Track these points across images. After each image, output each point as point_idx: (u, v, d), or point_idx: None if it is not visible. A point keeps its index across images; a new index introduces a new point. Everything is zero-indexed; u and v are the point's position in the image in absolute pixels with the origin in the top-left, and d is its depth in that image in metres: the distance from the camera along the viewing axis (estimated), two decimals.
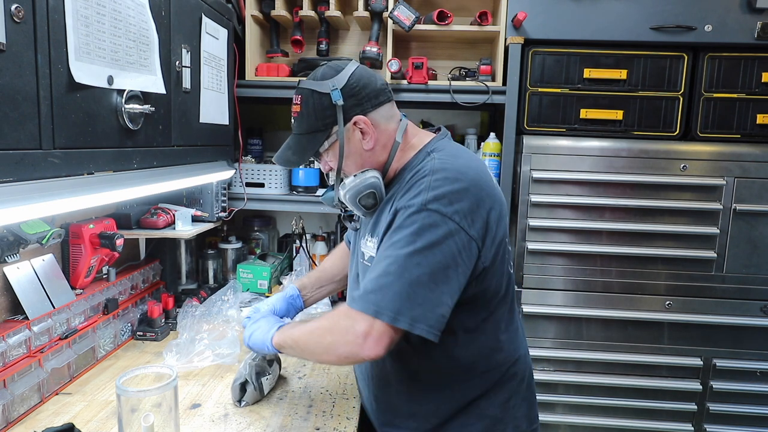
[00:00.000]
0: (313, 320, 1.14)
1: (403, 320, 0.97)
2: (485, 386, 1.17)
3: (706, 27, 1.92)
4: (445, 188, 1.02)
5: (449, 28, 2.07)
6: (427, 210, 1.00)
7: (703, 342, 2.06)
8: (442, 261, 0.99)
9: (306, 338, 1.12)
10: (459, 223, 1.00)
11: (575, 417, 2.13)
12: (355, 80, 1.12)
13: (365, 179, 1.14)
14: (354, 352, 1.01)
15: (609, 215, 2.01)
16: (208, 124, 1.74)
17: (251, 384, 1.32)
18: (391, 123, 1.18)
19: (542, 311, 2.07)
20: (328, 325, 1.08)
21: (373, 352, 1.00)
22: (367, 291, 1.01)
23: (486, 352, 1.16)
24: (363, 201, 1.14)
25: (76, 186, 1.06)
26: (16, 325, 1.26)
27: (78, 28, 1.01)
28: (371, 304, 0.99)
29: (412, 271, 0.98)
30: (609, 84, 2.00)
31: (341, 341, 1.03)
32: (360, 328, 1.00)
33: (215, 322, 1.70)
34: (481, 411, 1.17)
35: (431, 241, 0.99)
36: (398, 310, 0.97)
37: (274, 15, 2.13)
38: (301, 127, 1.16)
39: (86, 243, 1.48)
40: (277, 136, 2.60)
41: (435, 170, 1.05)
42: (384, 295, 0.99)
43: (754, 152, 1.95)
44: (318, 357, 1.13)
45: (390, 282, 0.99)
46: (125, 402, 1.03)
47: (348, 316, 1.03)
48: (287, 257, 2.43)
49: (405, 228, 1.02)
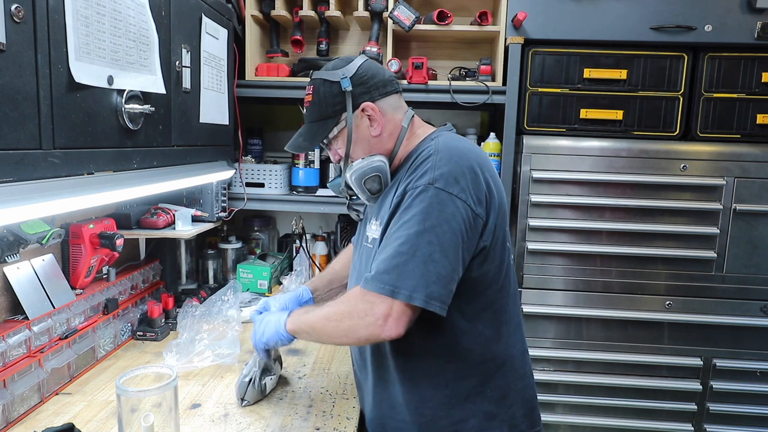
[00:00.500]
0: (325, 305, 1.16)
1: (419, 298, 1.00)
2: (480, 378, 1.16)
3: (706, 27, 1.92)
4: (450, 167, 1.06)
5: (449, 28, 2.07)
6: (435, 188, 1.04)
7: (703, 342, 2.06)
8: (452, 238, 1.02)
9: (323, 323, 1.13)
10: (465, 201, 1.04)
11: (575, 417, 2.13)
12: (364, 70, 1.18)
13: (372, 161, 1.18)
14: (375, 333, 1.04)
15: (609, 215, 2.01)
16: (208, 124, 1.74)
17: (254, 382, 1.32)
18: (398, 113, 1.23)
19: (542, 311, 2.07)
20: (346, 309, 1.08)
21: (394, 332, 1.03)
22: (380, 271, 1.03)
23: (483, 341, 1.15)
24: (368, 184, 1.18)
25: (76, 186, 1.06)
26: (16, 325, 1.26)
27: (78, 28, 1.01)
28: (386, 284, 1.02)
29: (424, 249, 1.01)
30: (609, 84, 2.00)
31: (361, 324, 1.05)
32: (379, 310, 1.02)
33: (215, 322, 1.70)
34: (476, 407, 1.16)
35: (440, 219, 1.02)
36: (414, 288, 1.00)
37: (274, 15, 2.13)
38: (312, 115, 1.21)
39: (86, 243, 1.48)
40: (277, 136, 2.60)
41: (439, 150, 1.09)
42: (399, 274, 1.01)
43: (754, 152, 1.95)
44: (337, 341, 1.14)
45: (404, 261, 1.01)
46: (125, 402, 1.03)
47: (364, 299, 1.05)
48: (287, 257, 2.43)
49: (413, 207, 1.04)
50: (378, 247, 1.12)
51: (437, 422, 1.16)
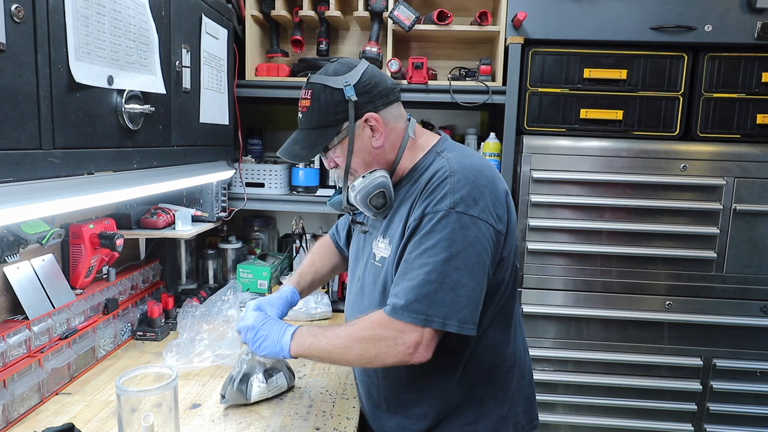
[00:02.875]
0: (338, 328, 1.11)
1: (452, 324, 1.01)
2: (493, 381, 1.17)
3: (706, 27, 1.92)
4: (468, 188, 1.05)
5: (449, 28, 2.07)
6: (456, 213, 1.03)
7: (703, 342, 2.06)
8: (478, 260, 1.03)
9: (342, 351, 1.08)
10: (487, 221, 1.05)
11: (575, 417, 2.13)
12: (368, 78, 1.13)
13: (374, 179, 1.14)
14: (404, 360, 1.04)
15: (609, 215, 2.01)
16: (208, 124, 1.74)
17: (234, 383, 1.29)
18: (400, 122, 1.19)
19: (542, 311, 2.07)
20: (372, 336, 1.06)
21: (424, 358, 1.04)
22: (411, 301, 1.02)
23: (493, 345, 1.16)
24: (373, 201, 1.15)
25: (76, 186, 1.06)
26: (16, 325, 1.26)
27: (78, 28, 1.01)
28: (419, 314, 1.02)
29: (453, 276, 1.01)
30: (609, 84, 2.00)
31: (390, 353, 1.04)
32: (410, 339, 1.02)
33: (215, 322, 1.70)
34: (488, 410, 1.17)
35: (466, 244, 1.02)
36: (446, 315, 1.01)
37: (274, 15, 2.13)
38: (310, 122, 1.15)
39: (86, 243, 1.48)
40: (277, 136, 2.60)
41: (454, 171, 1.08)
42: (430, 303, 1.01)
43: (754, 152, 1.95)
44: (357, 365, 1.15)
45: (434, 290, 1.01)
46: (125, 402, 1.03)
47: (392, 327, 1.04)
48: (287, 257, 2.43)
49: (436, 233, 1.03)
50: (391, 268, 1.12)
51: (451, 422, 1.17)
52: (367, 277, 1.22)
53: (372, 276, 1.20)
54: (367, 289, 1.21)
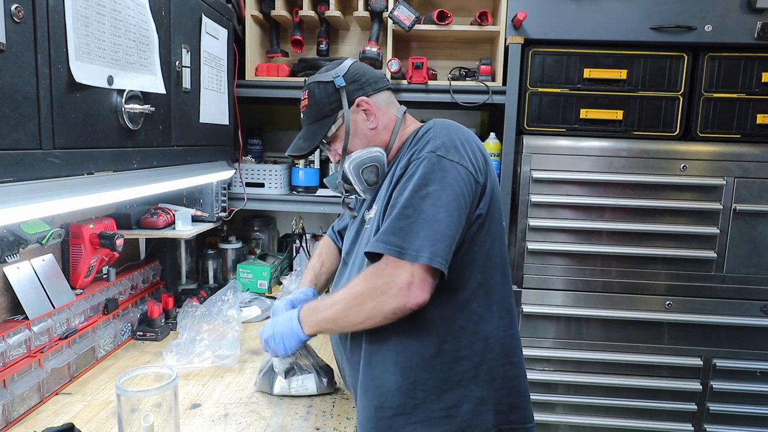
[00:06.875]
0: (334, 294, 1.15)
1: (424, 256, 1.02)
2: (474, 360, 1.14)
3: (706, 27, 1.92)
4: (449, 136, 1.11)
5: (449, 28, 2.07)
6: (437, 155, 1.08)
7: (703, 342, 2.06)
8: (455, 200, 1.05)
9: (344, 313, 1.11)
10: (466, 167, 1.08)
11: (575, 417, 2.13)
12: (356, 68, 1.24)
13: (370, 152, 1.21)
14: (401, 304, 1.04)
15: (609, 215, 2.01)
16: (208, 124, 1.74)
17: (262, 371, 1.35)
18: (392, 108, 1.28)
19: (542, 311, 2.07)
20: (365, 289, 1.07)
21: (420, 298, 1.04)
22: (385, 232, 1.05)
23: (475, 318, 1.15)
24: (365, 174, 1.20)
25: (76, 186, 1.07)
26: (16, 325, 1.26)
27: (78, 28, 1.01)
28: (394, 247, 1.03)
29: (428, 211, 1.04)
30: (609, 84, 2.00)
31: (386, 299, 1.04)
32: (401, 279, 1.03)
33: (215, 322, 1.70)
34: (469, 391, 1.14)
35: (444, 184, 1.05)
36: (420, 248, 1.02)
37: (274, 15, 2.13)
38: (310, 118, 1.25)
39: (86, 243, 1.48)
40: (277, 136, 2.60)
41: (437, 124, 1.16)
42: (405, 236, 1.03)
43: (754, 152, 1.95)
44: (361, 325, 1.11)
45: (409, 224, 1.04)
46: (125, 402, 1.03)
47: (382, 274, 1.05)
48: (287, 257, 2.43)
49: (416, 174, 1.08)
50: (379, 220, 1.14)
51: (430, 405, 1.13)
52: (362, 245, 1.21)
53: (365, 242, 1.19)
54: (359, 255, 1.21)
